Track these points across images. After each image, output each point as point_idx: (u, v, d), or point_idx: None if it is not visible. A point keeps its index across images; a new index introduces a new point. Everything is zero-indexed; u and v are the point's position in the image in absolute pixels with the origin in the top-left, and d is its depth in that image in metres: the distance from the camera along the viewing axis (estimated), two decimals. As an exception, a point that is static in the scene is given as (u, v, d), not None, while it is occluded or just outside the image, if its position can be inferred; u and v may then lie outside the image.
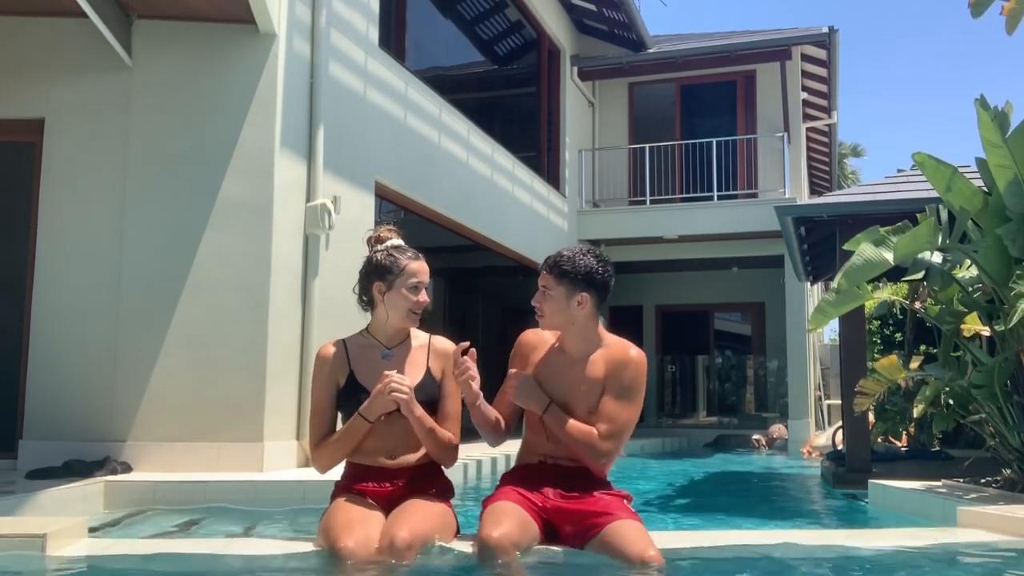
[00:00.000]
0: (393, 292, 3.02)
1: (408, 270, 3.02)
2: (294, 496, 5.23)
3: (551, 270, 2.97)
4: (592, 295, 2.95)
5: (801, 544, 3.20)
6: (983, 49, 75.50)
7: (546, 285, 2.97)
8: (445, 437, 2.98)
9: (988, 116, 4.58)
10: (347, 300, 3.10)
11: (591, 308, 2.97)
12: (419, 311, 3.06)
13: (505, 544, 2.60)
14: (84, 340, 6.21)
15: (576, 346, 3.00)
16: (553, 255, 3.01)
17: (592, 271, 2.95)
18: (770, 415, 14.97)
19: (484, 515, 2.78)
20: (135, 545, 3.51)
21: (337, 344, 3.08)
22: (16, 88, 6.48)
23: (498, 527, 2.65)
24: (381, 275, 3.03)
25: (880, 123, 67.66)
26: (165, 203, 6.26)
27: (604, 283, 2.98)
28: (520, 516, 2.77)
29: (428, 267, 3.11)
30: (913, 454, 7.24)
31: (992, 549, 3.21)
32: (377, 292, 3.04)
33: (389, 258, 3.03)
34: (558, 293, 2.94)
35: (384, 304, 3.04)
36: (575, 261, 2.95)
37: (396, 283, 3.01)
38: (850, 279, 4.76)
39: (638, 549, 2.63)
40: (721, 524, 5.34)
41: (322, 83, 6.76)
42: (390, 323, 3.06)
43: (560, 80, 13.43)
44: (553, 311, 2.97)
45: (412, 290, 3.02)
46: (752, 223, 12.79)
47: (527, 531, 2.75)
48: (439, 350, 3.10)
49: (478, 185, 10.14)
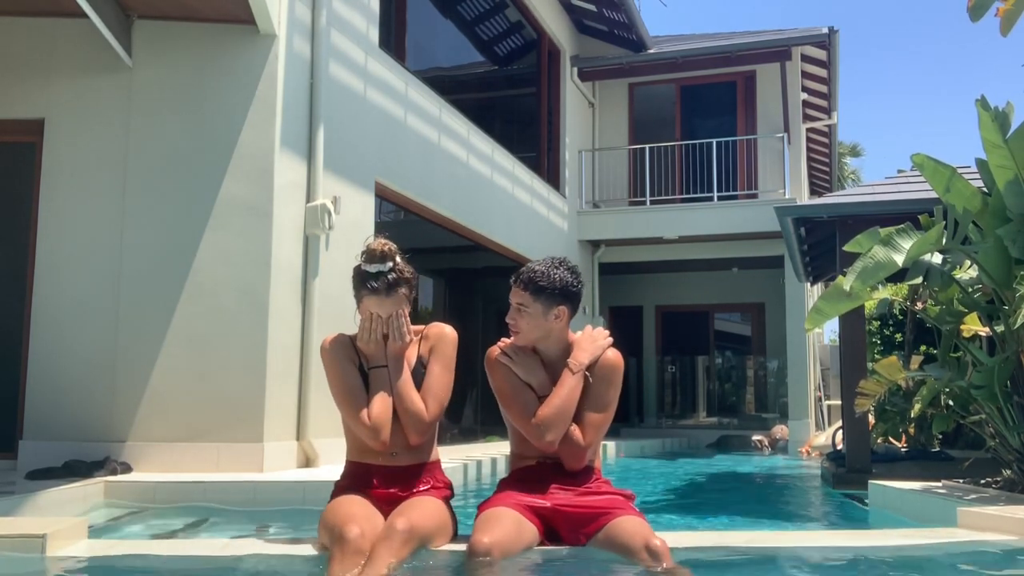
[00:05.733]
0: (359, 311, 3.02)
1: (364, 303, 2.97)
2: (294, 496, 5.22)
3: (526, 287, 2.93)
4: (568, 307, 2.97)
5: (801, 544, 3.21)
6: (983, 49, 75.55)
7: (521, 302, 2.94)
8: (417, 404, 2.93)
9: (989, 116, 4.58)
10: (347, 300, 3.08)
11: (567, 319, 2.98)
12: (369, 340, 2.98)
13: (493, 551, 2.59)
14: (84, 340, 6.21)
15: (552, 354, 3.01)
16: (524, 271, 2.97)
17: (568, 285, 2.95)
18: (770, 415, 14.97)
19: (477, 521, 2.77)
20: (135, 545, 3.52)
21: (341, 336, 3.07)
22: (16, 88, 6.49)
23: (488, 533, 2.64)
24: (354, 288, 3.02)
25: (880, 123, 67.71)
26: (165, 203, 6.26)
27: (578, 294, 3.00)
28: (514, 521, 2.75)
29: (400, 298, 2.95)
30: (913, 454, 7.24)
31: (992, 549, 3.20)
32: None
33: (355, 279, 3.00)
34: (535, 309, 2.93)
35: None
36: (550, 276, 2.93)
37: (359, 307, 3.01)
38: (864, 281, 4.74)
39: (641, 538, 2.64)
40: (721, 524, 5.34)
41: (322, 83, 6.76)
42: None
43: (560, 80, 13.43)
44: (530, 327, 2.96)
45: (367, 320, 2.98)
46: (752, 224, 12.79)
47: (521, 536, 2.74)
48: (431, 334, 3.08)
49: (478, 185, 10.14)
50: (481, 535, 2.63)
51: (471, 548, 2.60)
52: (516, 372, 2.98)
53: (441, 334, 3.07)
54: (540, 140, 13.16)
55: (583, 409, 2.95)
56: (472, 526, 2.79)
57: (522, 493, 2.89)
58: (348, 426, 3.01)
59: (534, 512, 2.85)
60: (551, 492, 2.91)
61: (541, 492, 2.90)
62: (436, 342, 3.04)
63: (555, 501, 2.88)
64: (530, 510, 2.84)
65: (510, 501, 2.84)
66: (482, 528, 2.68)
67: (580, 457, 2.94)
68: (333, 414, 3.12)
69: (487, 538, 2.61)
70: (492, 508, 2.82)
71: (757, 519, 5.74)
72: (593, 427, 2.94)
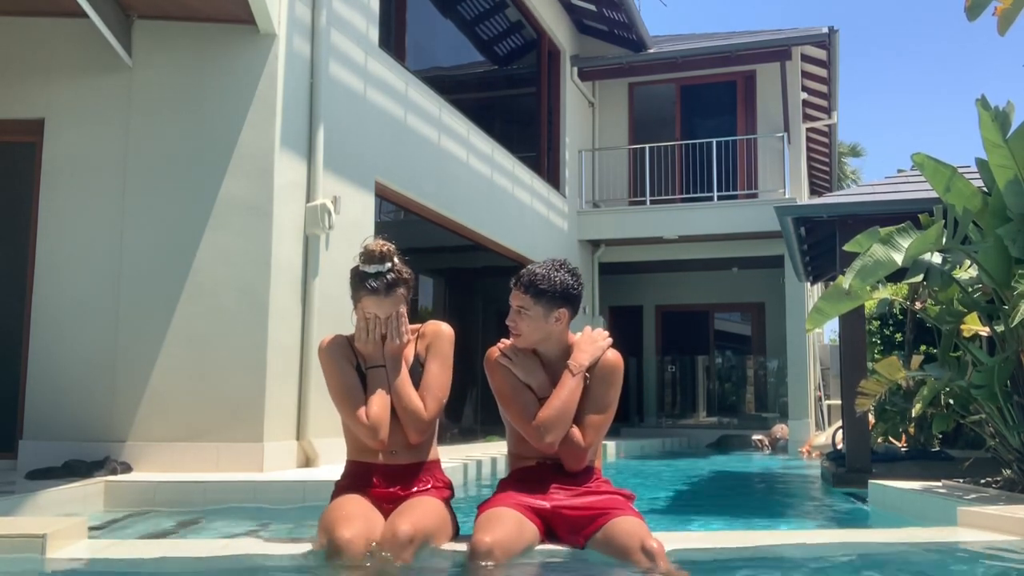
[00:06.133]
0: (355, 312, 3.01)
1: (363, 303, 2.96)
2: (294, 496, 5.23)
3: (527, 290, 2.92)
4: (568, 310, 2.97)
5: (801, 544, 3.20)
6: (984, 49, 75.52)
7: (522, 305, 2.93)
8: (415, 402, 2.93)
9: (989, 116, 4.57)
10: (347, 300, 3.08)
11: (567, 321, 2.98)
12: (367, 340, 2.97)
13: (495, 551, 2.58)
14: (84, 340, 6.21)
15: (552, 355, 3.01)
16: (525, 274, 2.96)
17: (568, 287, 2.95)
18: (770, 415, 14.98)
19: (478, 520, 2.77)
20: (135, 545, 3.52)
21: (339, 336, 3.06)
22: (16, 88, 6.48)
23: (490, 533, 2.64)
24: (352, 288, 2.99)
25: (880, 123, 67.62)
26: (165, 203, 6.26)
27: (579, 296, 3.00)
28: (515, 521, 2.75)
29: (398, 299, 2.95)
30: (913, 454, 7.24)
31: (992, 549, 3.20)
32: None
33: (353, 280, 2.98)
34: (536, 312, 2.93)
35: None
36: (551, 279, 2.93)
37: (356, 307, 2.99)
38: (863, 279, 4.74)
39: (637, 540, 2.64)
40: (721, 524, 5.34)
41: (322, 83, 6.76)
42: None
43: (560, 80, 13.43)
44: (531, 330, 2.95)
45: (363, 320, 2.97)
46: (752, 223, 12.80)
47: (522, 536, 2.74)
48: (427, 332, 3.07)
49: (478, 185, 10.14)
50: (483, 535, 2.62)
51: (473, 548, 2.59)
52: (516, 373, 2.97)
53: (438, 331, 3.06)
54: (540, 140, 13.16)
55: (583, 410, 2.95)
56: (472, 526, 2.79)
57: (522, 493, 2.89)
58: (347, 426, 3.01)
59: (534, 512, 2.85)
60: (551, 493, 2.90)
61: (541, 493, 2.90)
62: (433, 340, 3.04)
63: (554, 502, 2.88)
64: (531, 510, 2.84)
65: (511, 501, 2.84)
66: (484, 528, 2.68)
67: (580, 458, 2.94)
68: (333, 414, 3.11)
69: (489, 538, 2.61)
70: (493, 508, 2.81)
71: (757, 519, 5.74)
72: (593, 428, 2.94)
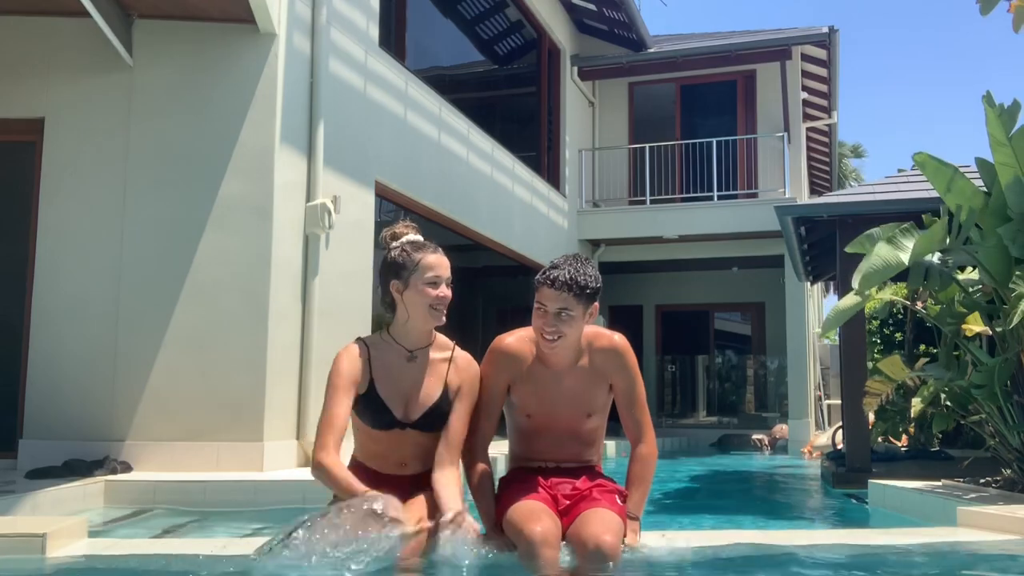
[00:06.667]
0: (410, 290, 2.83)
1: (424, 264, 2.82)
2: (294, 496, 5.22)
3: (570, 290, 2.73)
4: (597, 304, 2.86)
5: (801, 544, 3.20)
6: (984, 49, 75.55)
7: (565, 306, 2.74)
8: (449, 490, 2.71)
9: (994, 113, 4.56)
10: (347, 300, 3.07)
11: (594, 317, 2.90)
12: (441, 307, 2.85)
13: (550, 539, 2.54)
14: (84, 339, 6.21)
15: (567, 357, 2.88)
16: (562, 274, 2.74)
17: (600, 280, 2.84)
18: (770, 415, 14.98)
19: (514, 514, 2.66)
20: (135, 545, 3.51)
21: (360, 348, 2.87)
22: (16, 88, 6.49)
23: (539, 523, 2.57)
24: (396, 272, 2.84)
25: (880, 123, 67.70)
26: (165, 203, 6.26)
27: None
28: (549, 515, 2.69)
29: (448, 261, 2.91)
30: (913, 454, 7.23)
31: (992, 549, 3.20)
32: (395, 291, 2.86)
33: (403, 254, 2.85)
34: (578, 312, 2.77)
35: (403, 303, 2.86)
36: (589, 275, 2.78)
37: (412, 279, 2.82)
38: (870, 280, 4.74)
39: (594, 533, 2.56)
40: (721, 524, 5.34)
41: (322, 82, 6.75)
42: (411, 324, 2.88)
43: (560, 80, 13.42)
44: (575, 332, 2.80)
45: (430, 285, 2.82)
46: (752, 223, 12.79)
47: (558, 529, 2.68)
48: (461, 366, 2.92)
49: (478, 184, 10.14)
50: (533, 525, 2.56)
51: (529, 537, 2.52)
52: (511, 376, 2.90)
53: (473, 375, 2.92)
54: (540, 139, 13.16)
55: (618, 403, 2.95)
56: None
57: (524, 493, 2.84)
58: (356, 426, 2.93)
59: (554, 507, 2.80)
60: (558, 490, 2.87)
61: (551, 492, 2.85)
62: (466, 381, 2.90)
63: (563, 501, 2.84)
64: (552, 505, 2.79)
65: (533, 496, 2.76)
66: (529, 519, 2.59)
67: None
68: (333, 414, 3.09)
69: (539, 527, 2.55)
70: (523, 502, 2.72)
71: (756, 518, 5.74)
72: (640, 407, 2.97)
